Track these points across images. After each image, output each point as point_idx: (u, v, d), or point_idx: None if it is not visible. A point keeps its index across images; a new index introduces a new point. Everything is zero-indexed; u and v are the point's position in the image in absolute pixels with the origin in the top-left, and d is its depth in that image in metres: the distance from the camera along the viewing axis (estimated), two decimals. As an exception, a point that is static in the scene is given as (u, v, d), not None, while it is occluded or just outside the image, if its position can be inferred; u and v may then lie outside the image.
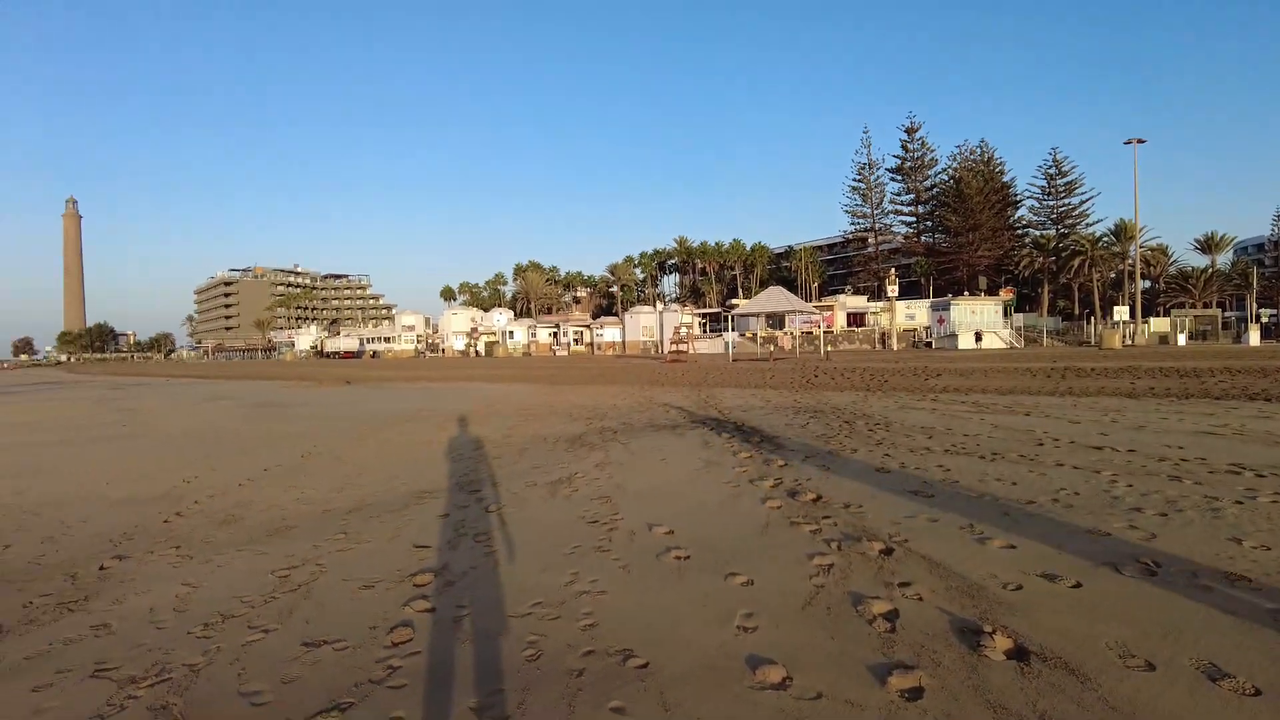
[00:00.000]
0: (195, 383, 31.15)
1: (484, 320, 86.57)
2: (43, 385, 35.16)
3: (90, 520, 6.58)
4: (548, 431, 9.94)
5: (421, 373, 30.63)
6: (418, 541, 5.19)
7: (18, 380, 46.76)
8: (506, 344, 78.24)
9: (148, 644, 3.74)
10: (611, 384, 18.43)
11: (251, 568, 4.91)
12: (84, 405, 20.05)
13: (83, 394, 25.74)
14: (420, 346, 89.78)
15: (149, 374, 48.38)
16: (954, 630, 3.33)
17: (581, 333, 76.87)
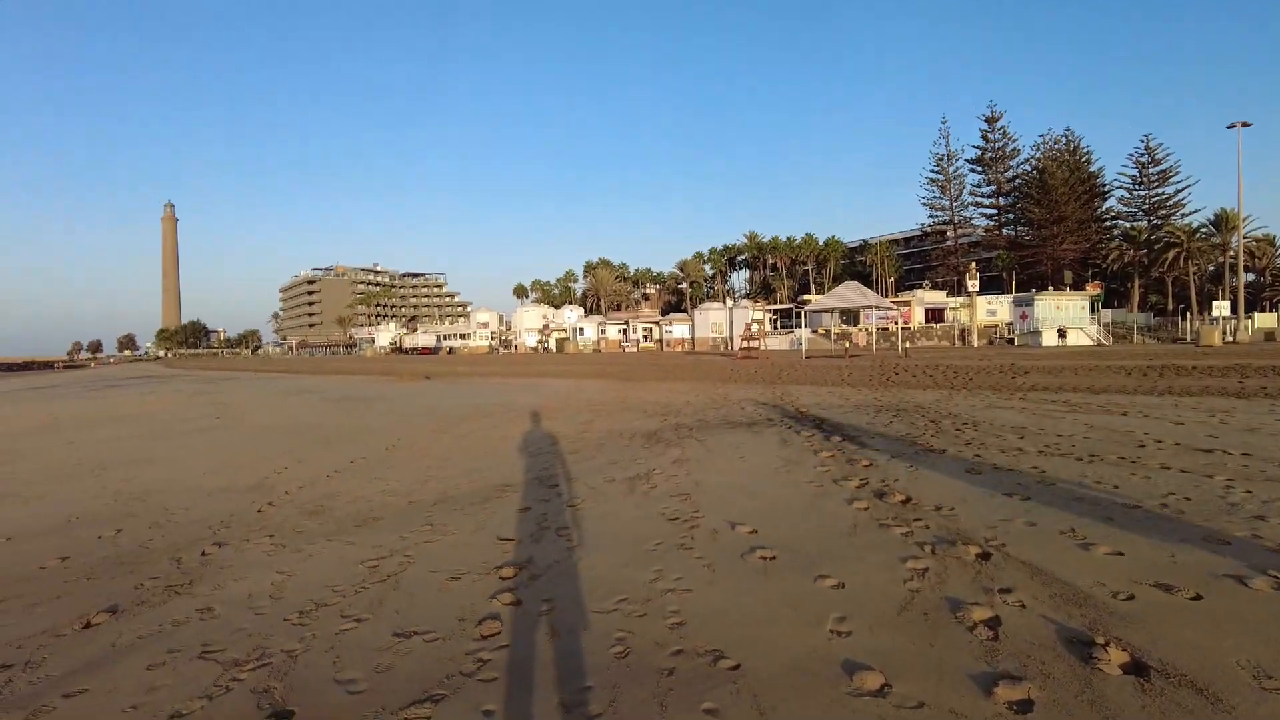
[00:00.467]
0: (281, 378, 32.44)
1: (555, 317, 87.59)
2: (143, 379, 37.20)
3: (191, 508, 6.88)
4: (623, 427, 9.95)
5: (496, 369, 31.18)
6: (501, 534, 5.23)
7: (122, 374, 49.68)
8: (577, 340, 78.96)
9: (248, 628, 3.87)
10: (683, 380, 18.35)
11: (342, 557, 5.04)
12: (180, 399, 21.10)
13: (178, 388, 27.10)
14: (494, 343, 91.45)
15: (237, 369, 50.65)
16: (1062, 640, 3.16)
17: (650, 329, 76.95)
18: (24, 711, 3.15)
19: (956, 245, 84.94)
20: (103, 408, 19.55)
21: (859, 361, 24.97)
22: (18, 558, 5.67)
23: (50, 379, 50.90)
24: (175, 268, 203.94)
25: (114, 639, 3.89)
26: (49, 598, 4.68)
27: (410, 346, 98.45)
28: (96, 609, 4.34)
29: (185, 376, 38.20)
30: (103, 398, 23.60)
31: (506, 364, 38.63)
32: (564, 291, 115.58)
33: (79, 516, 6.84)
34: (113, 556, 5.51)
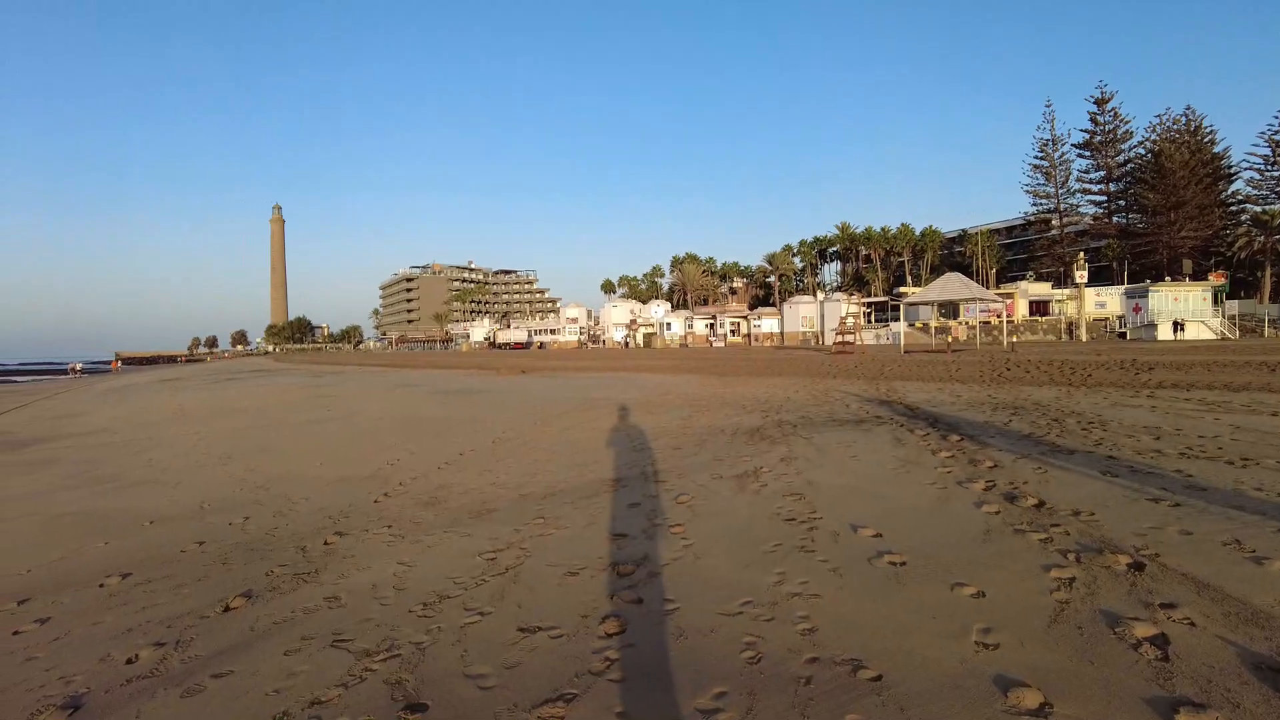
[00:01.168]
0: (383, 371, 33.68)
1: (642, 312, 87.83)
2: (257, 373, 39.33)
3: (311, 498, 7.15)
4: (724, 423, 9.80)
5: (588, 363, 31.49)
6: (615, 530, 5.19)
7: (237, 368, 52.72)
8: (664, 335, 79.01)
9: (375, 619, 3.94)
10: (780, 375, 18.02)
11: (459, 549, 5.11)
12: (292, 391, 22.15)
13: (289, 381, 28.50)
14: (583, 338, 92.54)
15: (341, 363, 52.93)
16: (1247, 665, 2.85)
17: (738, 324, 76.22)
18: (179, 689, 3.29)
19: (1062, 234, 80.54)
20: (223, 400, 20.74)
21: (964, 356, 23.95)
22: (162, 541, 6.01)
23: (175, 372, 54.58)
24: (283, 267, 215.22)
25: (251, 623, 4.04)
26: (191, 580, 4.92)
27: (503, 342, 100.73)
28: (234, 593, 4.53)
29: (294, 371, 40.17)
30: (222, 390, 25.03)
31: (597, 359, 38.97)
32: (650, 286, 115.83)
33: (210, 503, 7.22)
34: (243, 543, 5.77)
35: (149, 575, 5.10)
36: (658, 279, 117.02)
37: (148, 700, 3.23)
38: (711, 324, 77.40)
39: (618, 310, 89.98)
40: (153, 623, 4.17)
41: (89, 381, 48.02)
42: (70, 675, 3.56)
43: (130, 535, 6.27)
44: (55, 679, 3.54)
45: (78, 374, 76.04)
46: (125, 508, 7.30)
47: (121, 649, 3.81)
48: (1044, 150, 77.88)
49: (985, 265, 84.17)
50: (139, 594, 4.73)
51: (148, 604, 4.51)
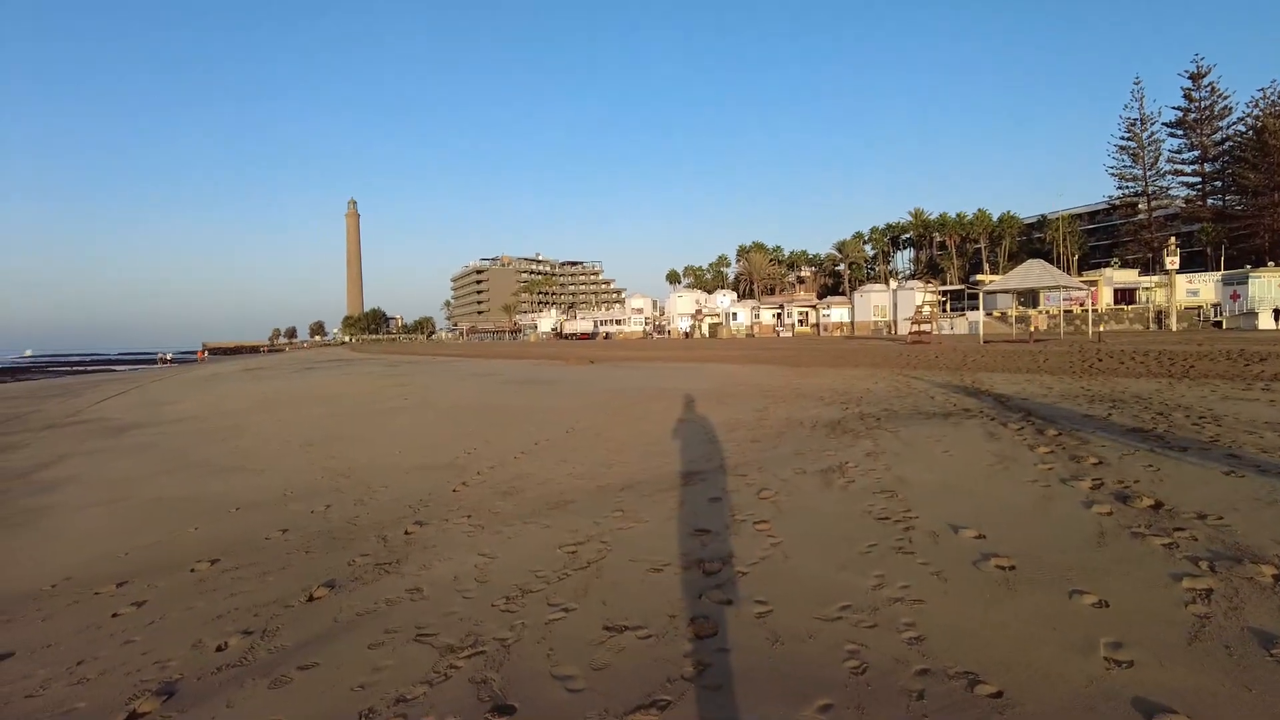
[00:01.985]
0: (456, 361, 34.24)
1: (707, 302, 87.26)
2: (335, 362, 40.52)
3: (390, 486, 7.20)
4: (802, 415, 9.51)
5: (656, 353, 31.36)
6: (697, 525, 5.02)
7: (316, 358, 54.51)
8: (730, 325, 78.35)
9: (458, 612, 3.87)
10: (855, 366, 17.51)
11: (539, 541, 5.01)
12: (369, 380, 22.67)
13: (366, 370, 29.21)
14: (647, 328, 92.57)
15: (415, 353, 54.11)
16: None
17: (807, 313, 75.02)
18: (267, 679, 3.27)
19: (1150, 219, 76.43)
20: (303, 388, 21.37)
21: (1049, 347, 22.89)
22: (247, 527, 6.12)
23: (257, 361, 56.73)
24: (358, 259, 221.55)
25: (335, 614, 4.01)
26: (276, 568, 4.96)
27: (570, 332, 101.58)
28: (317, 583, 4.53)
29: (371, 360, 41.23)
30: (302, 379, 25.83)
31: (663, 349, 38.81)
32: (716, 276, 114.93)
33: (293, 491, 7.34)
34: (325, 531, 5.81)
35: (236, 562, 5.18)
36: (723, 268, 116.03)
37: (237, 690, 3.21)
38: (779, 314, 76.42)
39: (683, 300, 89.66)
40: (240, 610, 4.20)
41: (178, 370, 50.41)
42: (165, 660, 3.59)
43: (219, 521, 6.41)
44: (151, 663, 3.58)
45: (167, 363, 79.95)
46: (214, 493, 7.50)
47: (212, 636, 3.84)
48: (1132, 130, 74.01)
49: (1067, 252, 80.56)
50: (227, 580, 4.79)
51: (236, 590, 4.56)
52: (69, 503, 7.67)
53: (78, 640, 4.00)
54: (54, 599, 4.77)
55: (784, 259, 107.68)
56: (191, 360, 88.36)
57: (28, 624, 4.36)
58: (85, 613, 4.44)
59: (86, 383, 37.19)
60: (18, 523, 7.00)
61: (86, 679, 3.50)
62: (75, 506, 7.47)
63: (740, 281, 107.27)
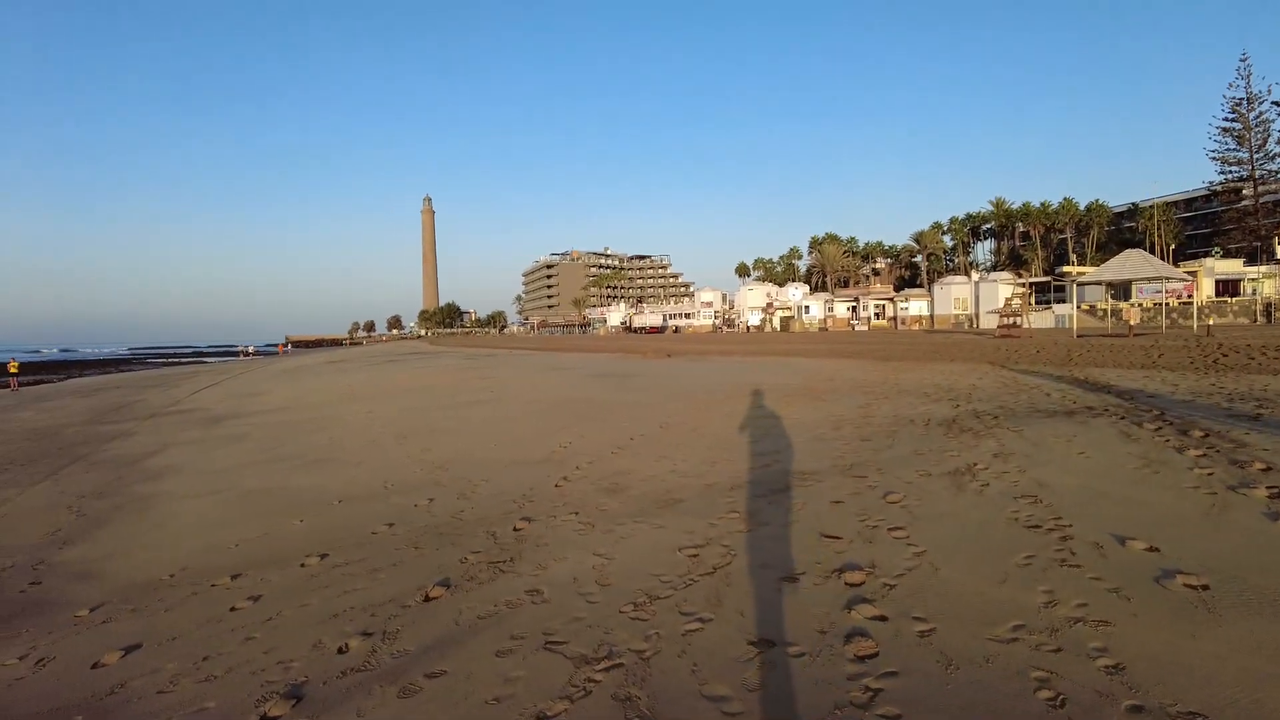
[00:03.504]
0: (531, 354, 34.47)
1: (779, 295, 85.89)
2: (414, 355, 41.36)
3: (490, 480, 7.07)
4: (909, 412, 9.02)
5: (732, 347, 30.89)
6: (825, 530, 4.68)
7: (395, 351, 55.83)
8: (802, 319, 76.90)
9: (585, 619, 3.64)
10: (949, 360, 16.74)
11: (655, 543, 4.76)
12: (450, 373, 22.92)
13: (445, 363, 29.63)
14: (717, 322, 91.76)
15: (489, 346, 54.87)
16: None
17: (883, 306, 72.94)
18: (395, 687, 3.10)
19: (1257, 205, 71.43)
20: (387, 380, 21.74)
21: (1160, 341, 21.52)
22: (352, 521, 6.06)
23: (340, 354, 58.50)
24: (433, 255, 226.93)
25: (455, 616, 3.84)
26: (386, 564, 4.84)
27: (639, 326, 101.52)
28: (432, 581, 4.38)
29: (449, 353, 41.93)
30: (384, 371, 26.33)
31: (738, 342, 38.27)
32: (787, 269, 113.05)
33: (393, 483, 7.28)
34: (431, 526, 5.69)
35: (345, 557, 5.09)
36: (795, 261, 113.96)
37: (365, 697, 3.05)
38: (853, 307, 74.61)
39: (753, 293, 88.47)
40: (356, 609, 4.07)
41: (264, 362, 52.30)
42: (287, 661, 3.47)
43: (322, 514, 6.38)
44: (274, 663, 3.47)
45: (249, 356, 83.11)
46: (313, 485, 7.51)
47: (332, 636, 3.71)
48: (1237, 110, 69.23)
49: (1161, 241, 76.29)
50: (338, 576, 4.69)
51: (348, 588, 4.44)
52: (175, 491, 7.81)
53: (200, 634, 3.94)
54: (174, 590, 4.76)
55: (858, 250, 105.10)
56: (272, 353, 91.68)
57: (152, 615, 4.34)
58: (205, 605, 4.40)
59: (181, 374, 38.92)
60: (133, 509, 7.14)
61: (214, 676, 3.40)
62: (181, 495, 7.59)
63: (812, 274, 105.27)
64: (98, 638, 4.07)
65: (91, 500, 7.62)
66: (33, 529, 6.67)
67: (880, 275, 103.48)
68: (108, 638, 4.04)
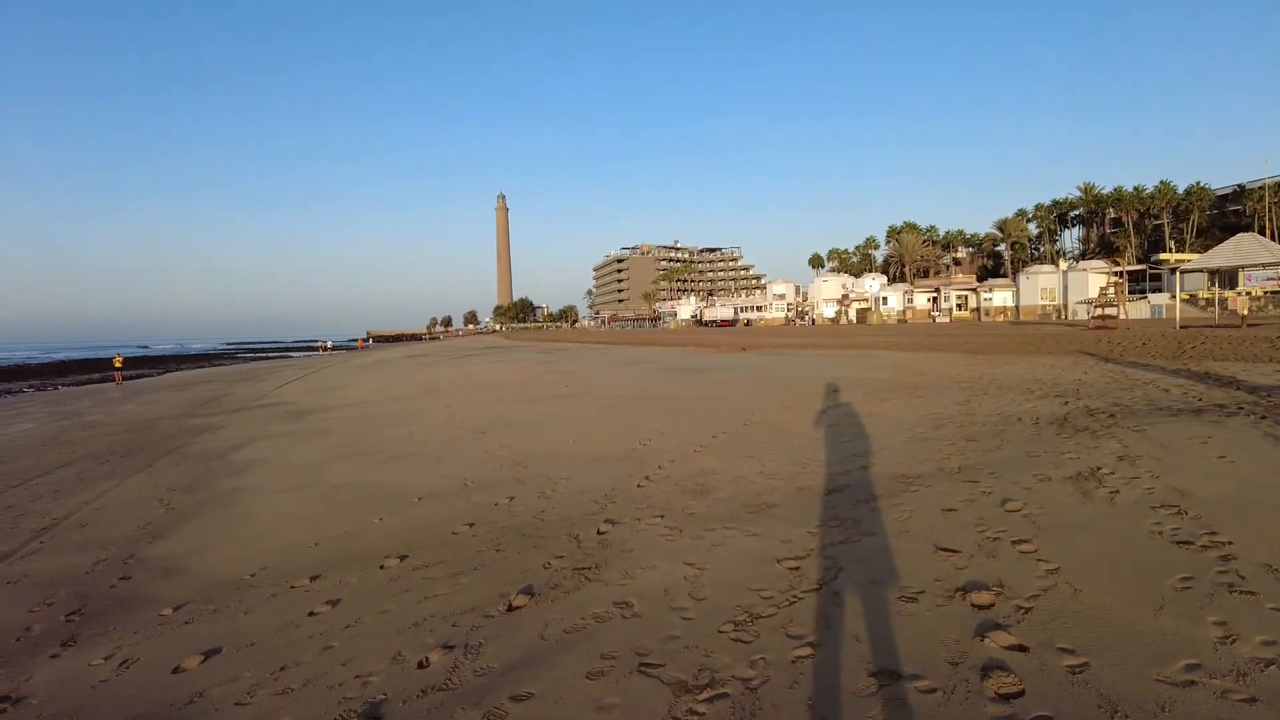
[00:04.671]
0: (605, 348, 34.37)
1: (855, 286, 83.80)
2: (491, 350, 41.85)
3: (571, 479, 6.83)
4: (1014, 409, 8.38)
5: (809, 340, 30.07)
6: (939, 542, 4.24)
7: (472, 345, 56.74)
8: (879, 310, 74.88)
9: (681, 637, 3.33)
10: (1047, 353, 15.72)
11: (750, 552, 4.41)
12: (526, 367, 22.97)
13: (522, 357, 29.80)
14: (790, 315, 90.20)
15: (563, 340, 55.16)
16: None
17: (965, 297, 70.33)
18: (479, 710, 2.85)
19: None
20: (466, 375, 21.91)
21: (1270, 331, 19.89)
22: (431, 520, 5.90)
23: (419, 348, 59.83)
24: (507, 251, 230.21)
25: (540, 629, 3.58)
26: (468, 568, 4.64)
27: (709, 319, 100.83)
28: (514, 588, 4.15)
29: (523, 347, 42.28)
30: (463, 365, 26.62)
31: (814, 335, 37.34)
32: (863, 259, 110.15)
33: (472, 480, 7.13)
34: (512, 526, 5.48)
35: (425, 559, 4.91)
36: (871, 251, 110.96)
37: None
38: (934, 298, 72.23)
39: (828, 285, 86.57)
40: (437, 618, 3.86)
41: (346, 357, 53.83)
42: (366, 675, 3.27)
43: (401, 511, 6.25)
44: (352, 676, 3.28)
45: (327, 351, 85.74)
46: (393, 481, 7.42)
47: (412, 648, 3.50)
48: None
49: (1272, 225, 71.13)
50: (418, 580, 4.51)
51: (428, 593, 4.25)
52: (259, 486, 7.85)
53: (278, 640, 3.80)
54: (254, 590, 4.66)
55: (938, 239, 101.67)
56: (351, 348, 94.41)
57: (232, 617, 4.24)
58: (283, 608, 4.27)
59: (268, 368, 40.37)
60: (220, 504, 7.18)
61: (290, 689, 3.24)
62: (265, 490, 7.61)
63: (890, 264, 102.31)
64: (180, 639, 3.98)
65: (180, 494, 7.72)
66: (126, 522, 6.77)
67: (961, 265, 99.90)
68: (189, 640, 3.94)
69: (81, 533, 6.55)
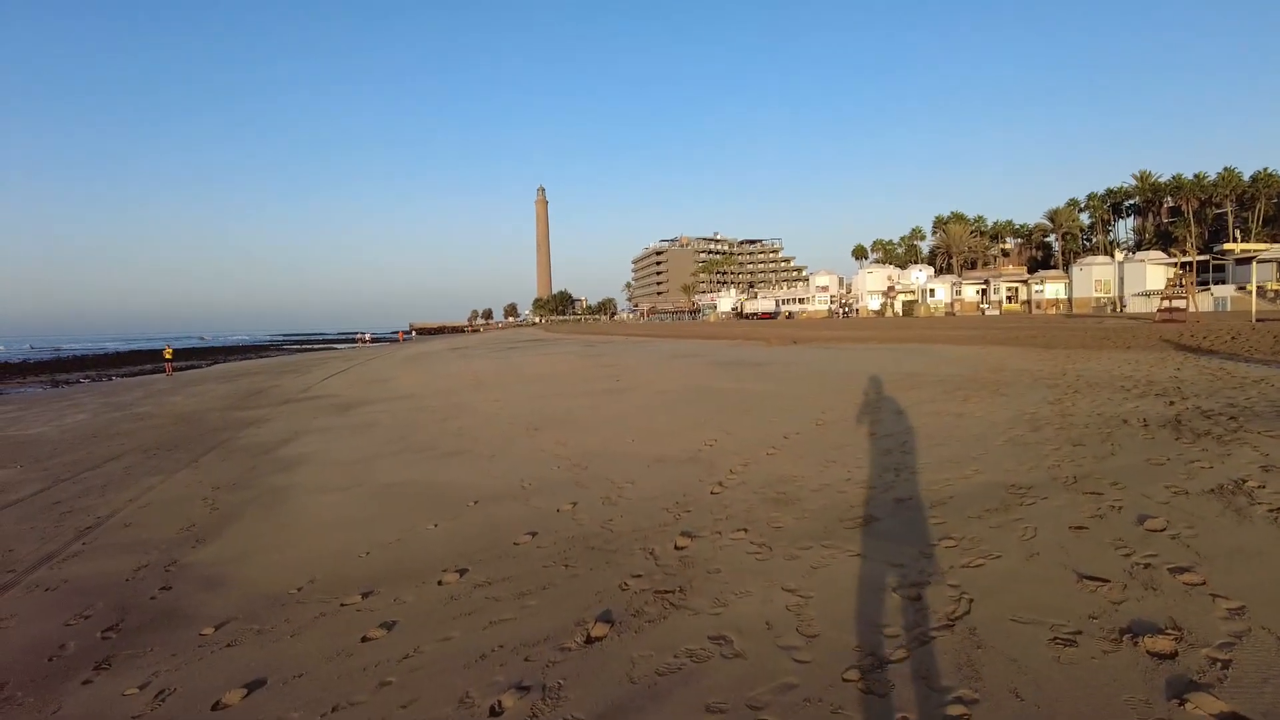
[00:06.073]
0: (649, 341, 33.84)
1: (900, 278, 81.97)
2: (533, 342, 41.64)
3: (636, 482, 6.34)
4: (1115, 409, 7.65)
5: (862, 333, 29.16)
6: (1079, 568, 3.65)
7: (514, 338, 56.72)
8: (926, 302, 73.13)
9: (798, 686, 2.81)
10: (1123, 348, 14.74)
11: (857, 576, 3.86)
12: (572, 360, 22.57)
13: (565, 350, 29.42)
14: (833, 307, 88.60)
15: (604, 333, 54.74)
16: None
17: (1015, 289, 68.28)
18: (569, 781, 2.37)
19: None
20: (511, 368, 21.60)
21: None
22: (490, 526, 5.45)
23: (461, 341, 59.93)
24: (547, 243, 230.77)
25: (627, 668, 3.09)
26: (535, 587, 4.17)
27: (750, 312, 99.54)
28: (590, 614, 3.67)
29: (566, 340, 41.98)
30: (507, 358, 26.35)
31: (865, 328, 36.35)
32: (909, 250, 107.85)
33: (530, 482, 6.68)
34: (579, 537, 5.00)
35: (487, 574, 4.46)
36: (917, 242, 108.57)
37: (530, 790, 2.34)
38: (983, 289, 70.27)
39: (872, 276, 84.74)
40: (507, 649, 3.39)
41: (389, 349, 54.15)
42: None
43: (458, 515, 5.83)
44: (415, 723, 2.82)
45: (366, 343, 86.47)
46: (446, 481, 7.02)
47: (480, 688, 3.04)
48: None
49: (1348, 212, 67.69)
50: (481, 600, 4.05)
51: (495, 617, 3.78)
52: (306, 484, 7.51)
53: (329, 672, 3.36)
54: (301, 608, 4.24)
55: (986, 230, 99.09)
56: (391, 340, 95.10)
57: (277, 640, 3.82)
58: (334, 631, 3.84)
59: (313, 360, 40.65)
60: (265, 503, 6.85)
61: (344, 738, 2.79)
62: (313, 489, 7.27)
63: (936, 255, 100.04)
64: (221, 666, 3.57)
65: (225, 492, 7.41)
66: (170, 522, 6.45)
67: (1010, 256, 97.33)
68: (231, 667, 3.53)
69: (125, 533, 6.25)
